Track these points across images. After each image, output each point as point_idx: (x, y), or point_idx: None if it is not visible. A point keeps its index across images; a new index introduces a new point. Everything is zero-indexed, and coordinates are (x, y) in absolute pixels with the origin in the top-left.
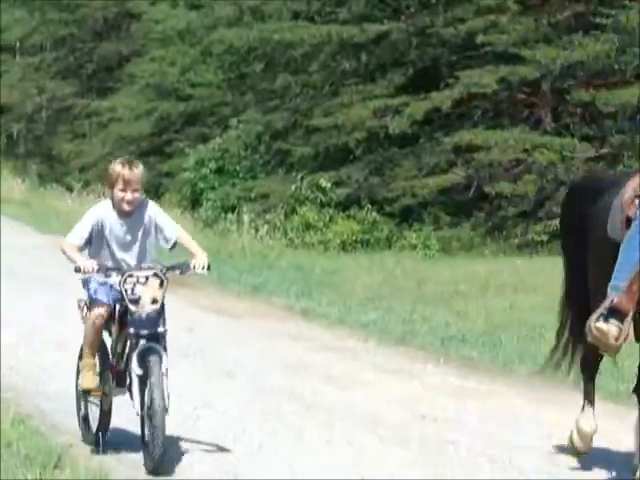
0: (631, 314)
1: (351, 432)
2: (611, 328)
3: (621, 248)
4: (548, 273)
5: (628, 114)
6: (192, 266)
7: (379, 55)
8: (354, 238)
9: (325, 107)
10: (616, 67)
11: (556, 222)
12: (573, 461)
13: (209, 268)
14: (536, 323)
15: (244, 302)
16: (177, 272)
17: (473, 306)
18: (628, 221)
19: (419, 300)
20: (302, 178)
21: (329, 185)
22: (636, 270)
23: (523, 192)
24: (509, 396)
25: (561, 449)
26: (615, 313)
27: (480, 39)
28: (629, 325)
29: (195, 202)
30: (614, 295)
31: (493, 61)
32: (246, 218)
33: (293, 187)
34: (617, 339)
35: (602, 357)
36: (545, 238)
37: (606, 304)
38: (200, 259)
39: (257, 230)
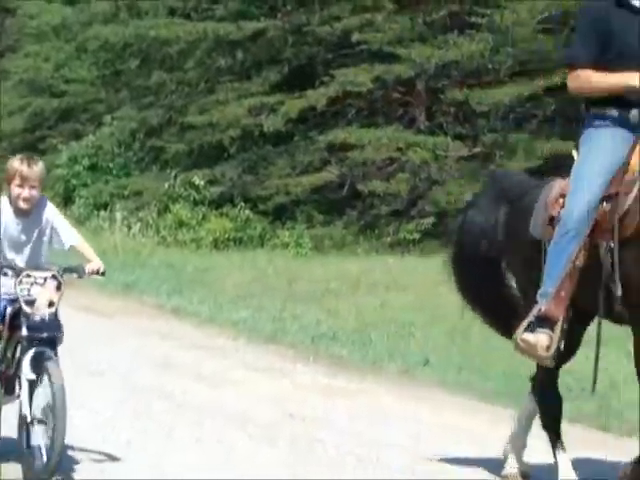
0: (561, 320)
1: (221, 430)
2: (540, 338)
3: (548, 254)
4: (419, 272)
5: (501, 113)
6: (87, 270)
7: (255, 53)
8: (227, 236)
9: (200, 104)
10: (490, 67)
11: (428, 221)
12: (439, 460)
13: (104, 274)
14: (406, 321)
15: (116, 301)
16: (74, 275)
17: (344, 304)
18: (552, 220)
19: (290, 298)
20: (176, 176)
21: (203, 183)
22: (563, 275)
23: (396, 191)
24: (379, 394)
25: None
26: (544, 321)
27: (356, 37)
28: (559, 333)
29: (68, 199)
30: (543, 302)
31: (368, 59)
32: (119, 216)
33: (166, 185)
34: (548, 348)
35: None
36: (417, 237)
37: (534, 312)
38: (96, 264)
39: (130, 228)
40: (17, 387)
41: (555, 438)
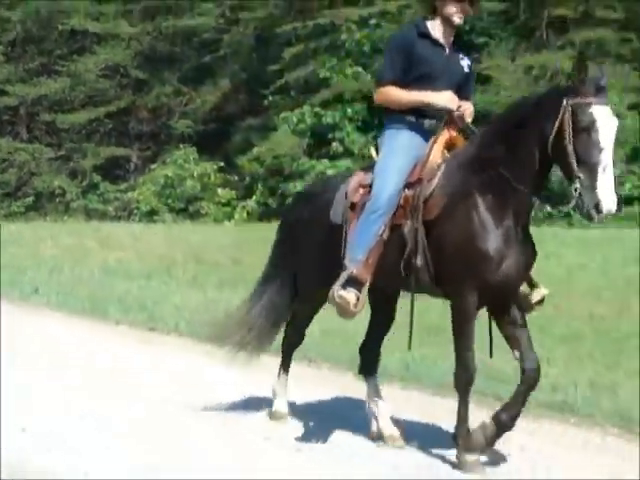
0: (368, 283)
1: None
2: (351, 296)
3: (357, 228)
4: (25, 234)
5: (77, 129)
6: None
7: None
8: None
9: None
10: (69, 99)
11: (29, 199)
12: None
13: None
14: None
15: None
16: None
17: None
18: (353, 206)
19: None
20: None
21: None
22: (372, 245)
23: (7, 180)
24: (9, 311)
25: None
26: (354, 283)
27: None
28: (365, 293)
29: None
30: (352, 267)
31: None
32: None
33: None
34: (356, 305)
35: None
36: (22, 210)
37: (345, 275)
38: None
39: None
40: None
41: (284, 362)
